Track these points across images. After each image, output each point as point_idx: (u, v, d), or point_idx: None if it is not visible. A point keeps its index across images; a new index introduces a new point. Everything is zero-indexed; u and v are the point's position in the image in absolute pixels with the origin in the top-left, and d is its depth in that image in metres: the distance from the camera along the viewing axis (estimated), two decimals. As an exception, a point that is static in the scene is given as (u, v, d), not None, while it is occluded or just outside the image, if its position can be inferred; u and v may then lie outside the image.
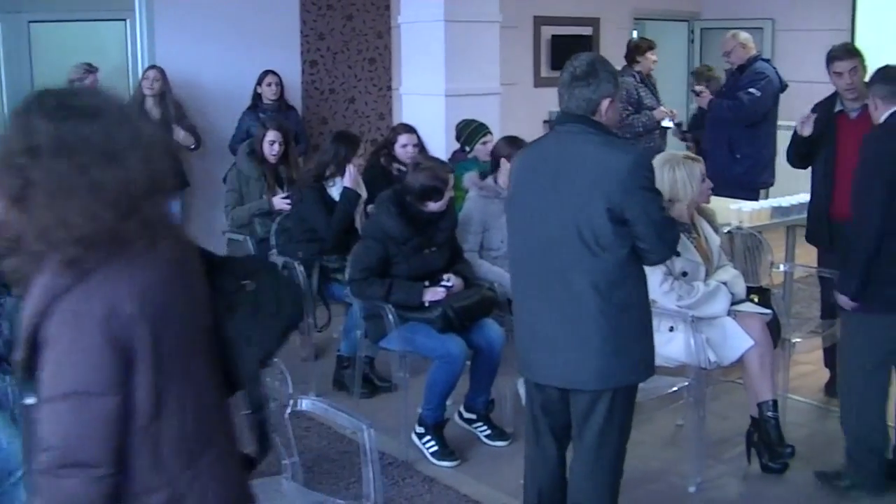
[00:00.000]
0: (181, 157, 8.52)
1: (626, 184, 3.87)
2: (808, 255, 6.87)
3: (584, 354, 4.01)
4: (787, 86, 8.71)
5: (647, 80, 9.04)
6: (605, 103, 4.04)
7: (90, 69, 8.32)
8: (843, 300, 5.14)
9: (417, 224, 5.81)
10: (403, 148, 7.14)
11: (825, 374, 6.80)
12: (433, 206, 5.82)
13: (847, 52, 6.19)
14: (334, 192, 6.84)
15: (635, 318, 4.08)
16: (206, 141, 9.01)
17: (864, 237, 4.98)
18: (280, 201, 7.46)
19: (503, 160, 6.29)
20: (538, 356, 4.18)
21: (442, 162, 6.16)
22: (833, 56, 6.17)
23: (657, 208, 3.98)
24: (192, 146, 8.62)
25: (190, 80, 8.98)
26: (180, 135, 8.42)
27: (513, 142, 6.40)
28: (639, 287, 4.10)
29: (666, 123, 8.83)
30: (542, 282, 4.09)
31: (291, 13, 9.77)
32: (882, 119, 5.13)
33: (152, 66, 8.63)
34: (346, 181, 6.81)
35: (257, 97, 8.92)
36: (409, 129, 7.27)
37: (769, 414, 5.44)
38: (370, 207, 6.62)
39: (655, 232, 3.95)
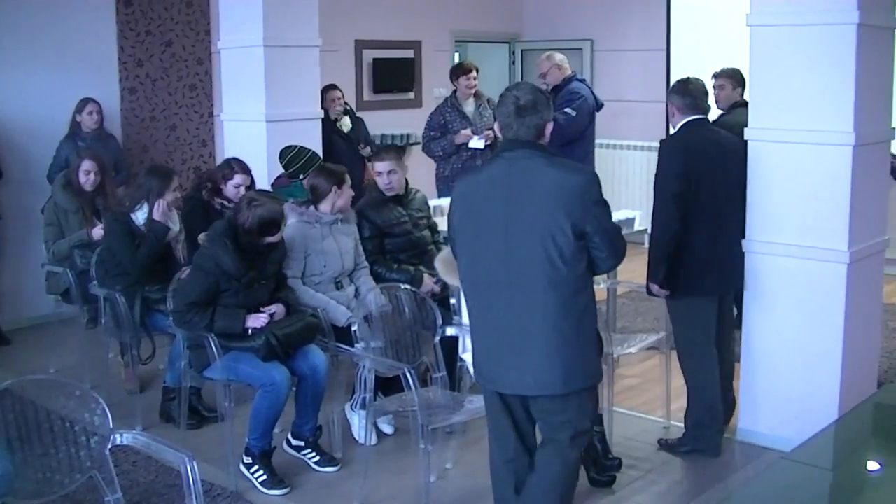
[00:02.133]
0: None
1: (584, 200, 4.17)
2: (630, 271, 7.01)
3: (551, 362, 4.25)
4: (602, 105, 8.91)
5: (458, 104, 9.10)
6: (549, 127, 4.39)
7: None
8: (655, 288, 5.88)
9: (251, 259, 5.78)
10: (237, 188, 6.88)
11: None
12: (270, 240, 5.82)
13: (722, 73, 7.63)
14: (139, 216, 6.70)
15: (589, 325, 4.35)
16: (22, 171, 8.78)
17: (663, 236, 5.77)
18: (99, 232, 7.29)
19: (335, 188, 6.33)
20: (504, 369, 4.35)
21: (275, 196, 6.11)
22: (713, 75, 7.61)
23: (609, 218, 4.29)
24: None
25: (2, 108, 8.73)
26: None
27: (331, 174, 6.42)
28: (592, 296, 4.35)
29: (474, 144, 8.89)
30: (505, 297, 4.28)
31: (108, 39, 9.56)
32: (677, 126, 5.96)
33: None
34: (155, 214, 6.66)
35: (76, 125, 8.68)
36: (245, 170, 7.00)
37: (595, 428, 5.54)
38: (201, 237, 6.51)
39: (610, 241, 4.24)
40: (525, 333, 4.26)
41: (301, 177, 7.26)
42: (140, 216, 6.68)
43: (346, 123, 9.28)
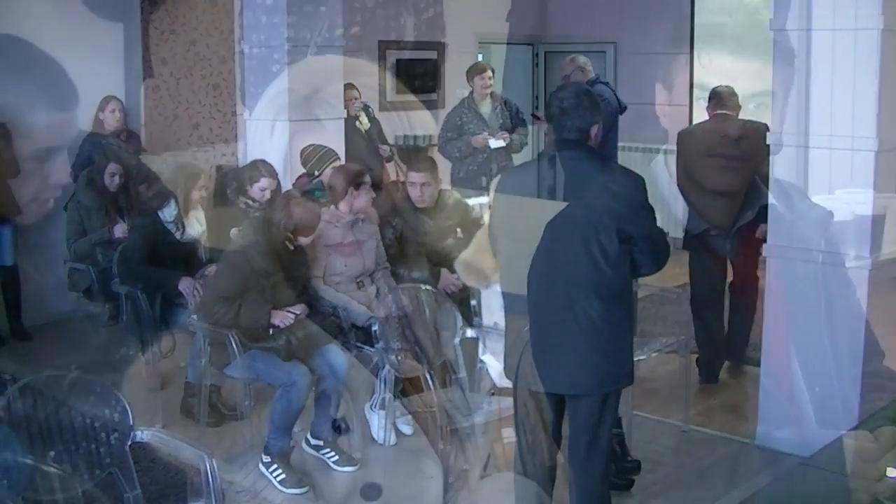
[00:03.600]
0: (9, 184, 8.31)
1: (632, 204, 4.29)
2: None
3: (589, 362, 4.32)
4: (626, 108, 8.88)
5: (475, 105, 9.09)
6: (594, 129, 4.42)
7: None
8: None
9: (282, 260, 5.80)
10: (262, 191, 6.91)
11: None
12: (303, 241, 5.84)
13: None
14: (167, 213, 6.71)
15: (627, 329, 4.44)
16: (43, 167, 8.80)
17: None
18: (121, 230, 7.33)
19: (351, 189, 6.32)
20: (541, 367, 4.38)
21: (314, 199, 6.13)
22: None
23: (654, 223, 4.41)
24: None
25: (24, 105, 8.75)
26: None
27: (349, 174, 6.43)
28: (631, 300, 4.48)
29: (494, 145, 8.90)
30: (546, 295, 4.32)
31: (133, 38, 9.58)
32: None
33: None
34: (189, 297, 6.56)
35: (98, 123, 8.69)
36: (272, 174, 7.01)
37: (614, 430, 5.54)
38: (233, 231, 6.53)
39: (653, 245, 4.33)
40: (565, 333, 4.27)
41: (316, 173, 7.27)
42: (167, 213, 6.70)
43: (363, 122, 9.28)
